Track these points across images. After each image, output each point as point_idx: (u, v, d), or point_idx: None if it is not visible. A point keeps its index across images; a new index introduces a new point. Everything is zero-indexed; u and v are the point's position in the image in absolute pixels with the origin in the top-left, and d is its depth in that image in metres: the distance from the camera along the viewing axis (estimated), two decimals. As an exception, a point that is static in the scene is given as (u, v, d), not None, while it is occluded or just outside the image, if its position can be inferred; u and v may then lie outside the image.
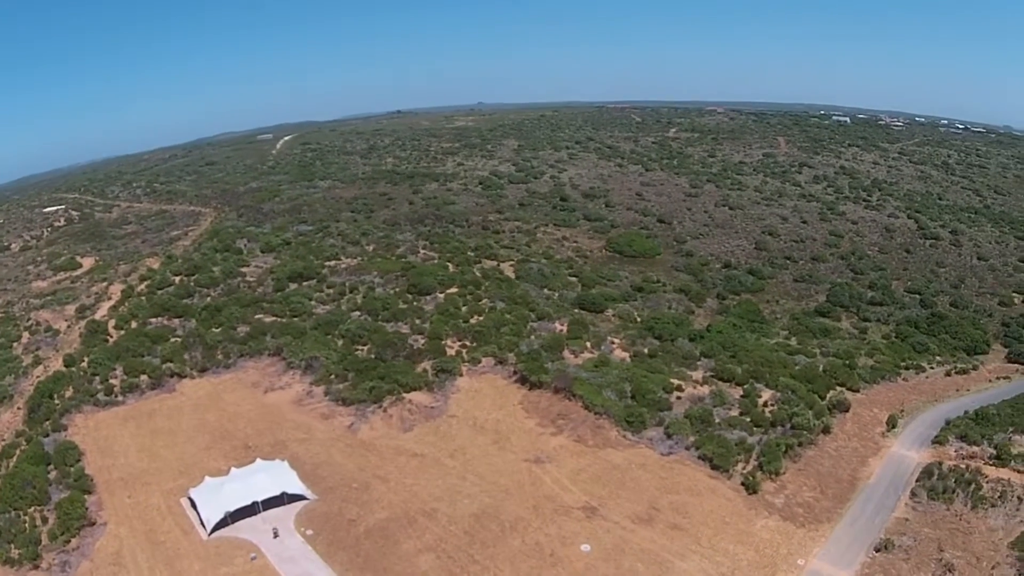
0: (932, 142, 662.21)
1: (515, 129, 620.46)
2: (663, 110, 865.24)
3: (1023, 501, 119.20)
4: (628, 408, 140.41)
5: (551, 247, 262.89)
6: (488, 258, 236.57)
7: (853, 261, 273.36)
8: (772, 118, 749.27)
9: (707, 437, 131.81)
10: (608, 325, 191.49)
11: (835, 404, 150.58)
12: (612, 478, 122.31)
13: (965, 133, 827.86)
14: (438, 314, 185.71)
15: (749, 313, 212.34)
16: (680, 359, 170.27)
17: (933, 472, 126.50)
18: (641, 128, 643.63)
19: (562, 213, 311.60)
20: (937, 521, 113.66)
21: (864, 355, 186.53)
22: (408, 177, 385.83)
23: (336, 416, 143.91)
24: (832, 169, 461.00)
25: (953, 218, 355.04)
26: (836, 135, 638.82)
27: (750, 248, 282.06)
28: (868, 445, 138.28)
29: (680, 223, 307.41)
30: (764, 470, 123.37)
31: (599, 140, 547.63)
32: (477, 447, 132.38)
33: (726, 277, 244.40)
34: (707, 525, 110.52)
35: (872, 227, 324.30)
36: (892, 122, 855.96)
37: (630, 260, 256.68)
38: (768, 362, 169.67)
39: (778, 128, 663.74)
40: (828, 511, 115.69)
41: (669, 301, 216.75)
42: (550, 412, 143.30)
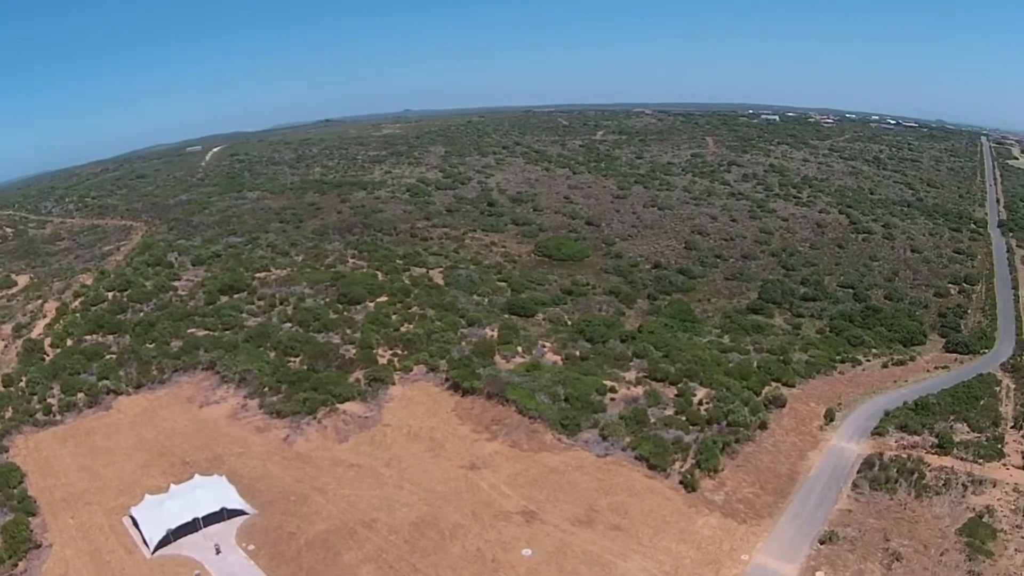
0: (863, 138, 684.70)
1: (442, 135, 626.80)
2: (590, 113, 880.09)
3: (968, 488, 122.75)
4: (562, 411, 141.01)
5: (480, 253, 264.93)
6: (417, 265, 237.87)
7: (784, 258, 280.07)
8: (700, 118, 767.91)
9: (643, 437, 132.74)
10: (539, 329, 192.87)
11: (771, 400, 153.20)
12: (549, 482, 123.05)
13: (897, 128, 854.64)
14: (368, 323, 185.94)
15: (681, 313, 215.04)
16: (612, 361, 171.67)
17: (874, 463, 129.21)
18: (568, 131, 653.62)
19: (490, 218, 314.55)
20: (881, 511, 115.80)
21: (798, 350, 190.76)
22: (336, 186, 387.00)
23: (271, 429, 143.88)
24: (761, 167, 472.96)
25: (886, 212, 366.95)
26: (765, 133, 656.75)
27: (680, 248, 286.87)
28: (806, 439, 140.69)
29: (608, 225, 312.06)
30: (702, 468, 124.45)
31: (526, 145, 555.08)
32: (413, 455, 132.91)
33: (656, 277, 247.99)
34: (647, 525, 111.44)
35: (803, 223, 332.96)
36: (822, 119, 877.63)
37: (559, 263, 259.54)
38: (701, 361, 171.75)
39: (706, 128, 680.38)
40: (769, 506, 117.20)
41: (599, 303, 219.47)
42: (484, 418, 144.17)
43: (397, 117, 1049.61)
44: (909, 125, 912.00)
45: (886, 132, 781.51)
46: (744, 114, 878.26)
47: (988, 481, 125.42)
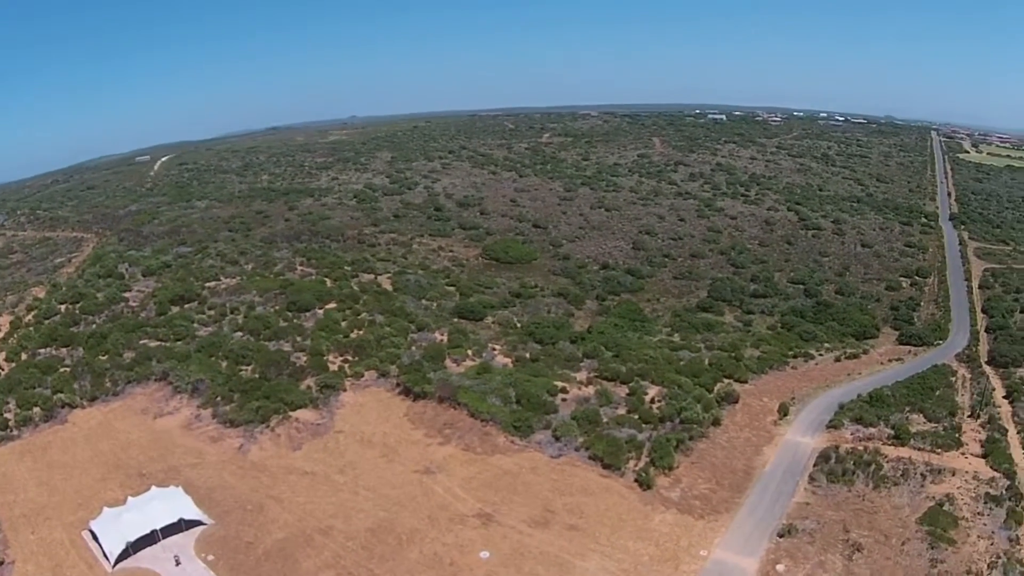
0: (811, 135, 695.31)
1: (388, 141, 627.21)
2: (536, 116, 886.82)
3: (927, 478, 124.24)
4: (514, 413, 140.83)
5: (427, 257, 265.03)
6: (365, 271, 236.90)
7: (733, 256, 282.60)
8: (647, 119, 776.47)
9: (596, 437, 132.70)
10: (488, 332, 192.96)
11: (723, 396, 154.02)
12: (504, 484, 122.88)
13: (845, 125, 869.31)
14: (318, 330, 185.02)
15: (630, 313, 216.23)
16: (563, 362, 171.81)
17: (830, 456, 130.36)
18: (514, 134, 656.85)
19: (437, 223, 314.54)
20: (840, 503, 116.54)
21: (750, 347, 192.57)
22: (284, 193, 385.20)
23: (225, 438, 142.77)
24: (709, 166, 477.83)
25: (835, 208, 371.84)
26: (712, 133, 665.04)
27: (628, 248, 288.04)
28: (761, 434, 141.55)
29: (556, 227, 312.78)
30: (657, 466, 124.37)
31: (472, 148, 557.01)
32: (366, 461, 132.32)
33: (604, 278, 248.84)
34: (604, 524, 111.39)
35: (751, 221, 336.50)
36: (769, 118, 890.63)
37: (507, 267, 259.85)
38: (652, 360, 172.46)
39: (653, 129, 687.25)
40: (726, 501, 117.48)
41: (548, 305, 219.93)
42: (436, 422, 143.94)
43: (344, 123, 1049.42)
44: (858, 121, 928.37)
45: (834, 129, 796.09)
46: (691, 114, 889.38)
47: (947, 470, 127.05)
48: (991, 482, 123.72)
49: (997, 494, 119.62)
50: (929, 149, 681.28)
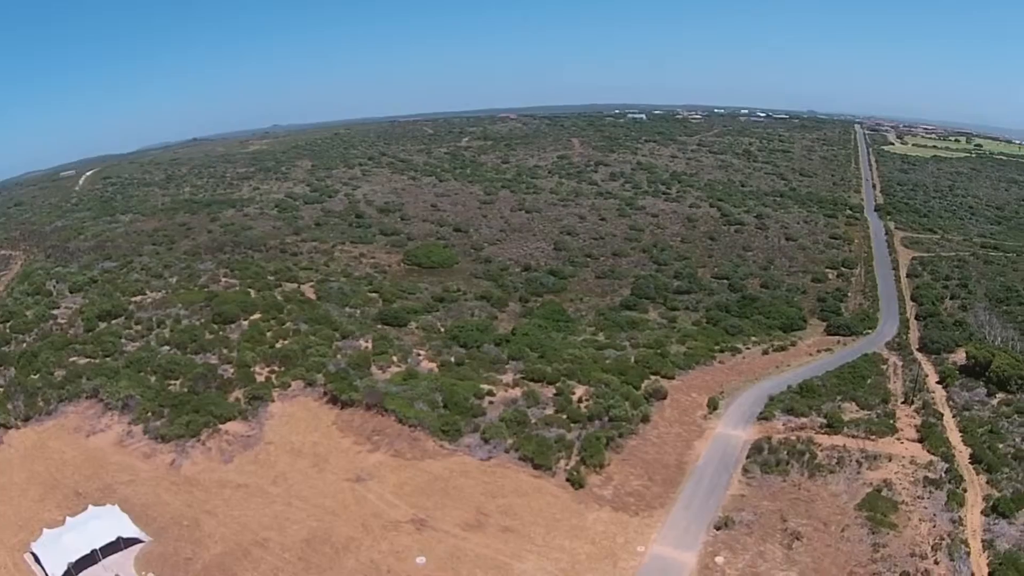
0: (732, 132, 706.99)
1: (309, 149, 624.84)
2: (456, 120, 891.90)
3: (863, 465, 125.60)
4: (442, 417, 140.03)
5: (349, 265, 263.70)
6: (288, 281, 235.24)
7: (656, 253, 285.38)
8: (566, 120, 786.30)
9: (525, 438, 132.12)
10: (413, 338, 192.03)
11: (651, 393, 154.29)
12: (436, 488, 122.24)
13: (767, 120, 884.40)
14: (244, 341, 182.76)
15: (554, 313, 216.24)
16: (488, 364, 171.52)
17: (763, 447, 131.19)
18: (434, 139, 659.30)
19: (358, 230, 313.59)
20: (775, 493, 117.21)
21: (675, 343, 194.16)
22: (206, 205, 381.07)
23: (158, 454, 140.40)
24: (629, 166, 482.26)
25: (758, 203, 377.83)
26: (632, 132, 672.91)
27: (549, 249, 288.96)
28: (691, 429, 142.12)
29: (477, 231, 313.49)
30: (587, 464, 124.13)
31: (392, 155, 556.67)
32: (298, 471, 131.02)
33: (527, 280, 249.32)
34: (538, 524, 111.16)
35: (673, 219, 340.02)
36: (690, 115, 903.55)
37: (429, 271, 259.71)
38: (578, 359, 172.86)
39: (572, 130, 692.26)
40: (660, 497, 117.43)
41: (471, 308, 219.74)
42: (365, 429, 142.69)
43: (265, 133, 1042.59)
44: (780, 117, 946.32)
45: (756, 125, 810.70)
46: (610, 114, 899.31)
47: (883, 456, 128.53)
48: (929, 466, 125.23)
49: (936, 477, 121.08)
50: (853, 142, 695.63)
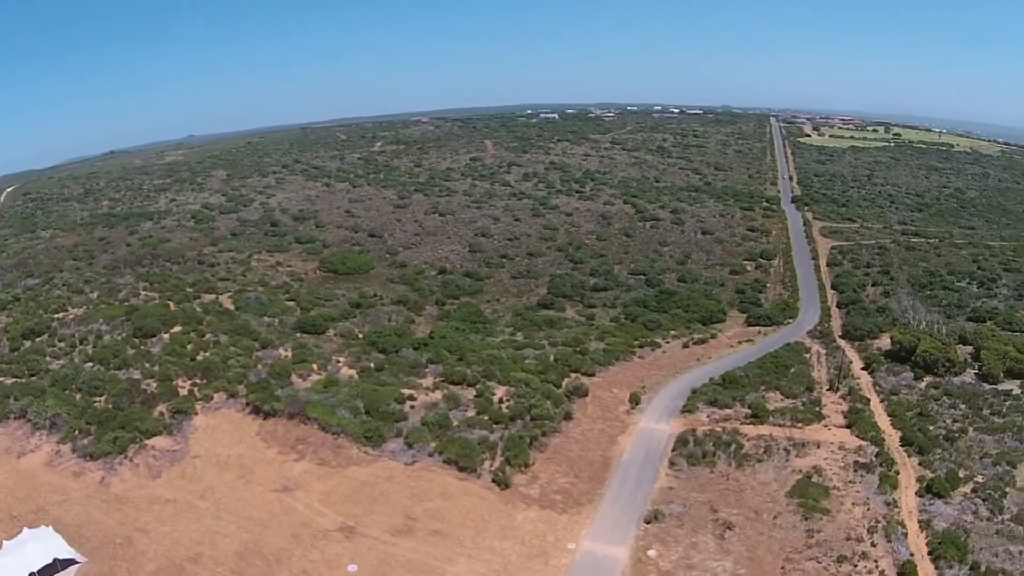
0: (646, 128, 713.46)
1: (223, 159, 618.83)
2: (368, 125, 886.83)
3: (791, 452, 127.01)
4: (364, 424, 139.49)
5: (266, 274, 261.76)
6: (207, 292, 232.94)
7: (571, 251, 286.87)
8: (478, 122, 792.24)
9: (448, 441, 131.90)
10: (331, 345, 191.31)
11: (572, 390, 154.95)
12: (362, 495, 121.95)
13: (681, 116, 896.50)
14: (166, 355, 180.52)
15: (471, 315, 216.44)
16: (407, 369, 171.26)
17: (688, 440, 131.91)
18: (347, 145, 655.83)
19: (274, 239, 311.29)
20: (704, 485, 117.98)
21: (594, 340, 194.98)
22: (124, 218, 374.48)
23: (87, 473, 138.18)
24: (542, 165, 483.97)
25: (673, 198, 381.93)
26: (545, 132, 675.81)
27: (464, 252, 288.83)
28: (614, 425, 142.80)
29: (391, 235, 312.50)
30: (512, 464, 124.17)
31: (305, 162, 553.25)
32: (225, 484, 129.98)
33: (443, 283, 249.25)
34: (467, 526, 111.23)
35: (588, 217, 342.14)
36: (603, 114, 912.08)
37: (345, 278, 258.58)
38: (497, 360, 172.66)
39: (485, 132, 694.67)
40: (587, 493, 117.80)
41: (388, 313, 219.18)
42: (288, 439, 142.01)
43: (180, 143, 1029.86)
44: (694, 112, 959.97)
45: (670, 121, 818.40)
46: (523, 114, 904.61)
47: (811, 443, 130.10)
48: (859, 450, 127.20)
49: (867, 462, 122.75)
50: (768, 135, 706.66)
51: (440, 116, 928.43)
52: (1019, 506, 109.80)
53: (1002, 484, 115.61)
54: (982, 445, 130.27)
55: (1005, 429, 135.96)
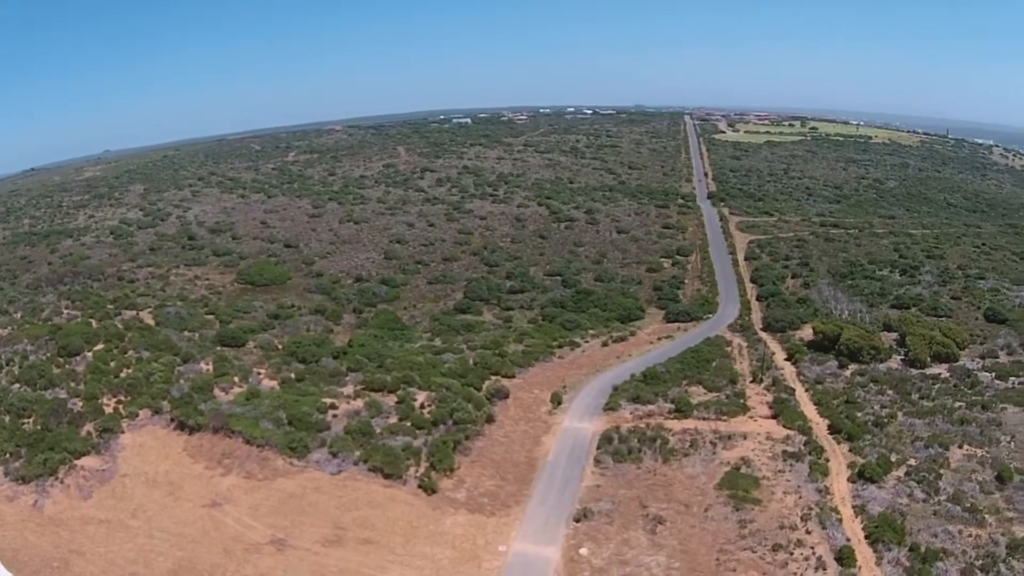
0: (559, 130, 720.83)
1: (140, 173, 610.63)
2: (282, 135, 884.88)
3: (718, 445, 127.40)
4: (288, 435, 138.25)
5: (185, 288, 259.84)
6: (127, 308, 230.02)
7: (486, 255, 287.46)
8: (391, 129, 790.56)
9: (372, 449, 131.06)
10: (252, 357, 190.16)
11: (493, 393, 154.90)
12: (291, 507, 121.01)
13: (594, 117, 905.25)
14: (90, 373, 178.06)
15: (388, 322, 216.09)
16: (328, 378, 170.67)
17: (612, 437, 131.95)
18: (261, 156, 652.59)
19: (191, 252, 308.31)
20: (631, 481, 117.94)
21: (513, 342, 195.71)
22: (44, 236, 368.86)
23: (20, 496, 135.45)
24: (455, 170, 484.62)
25: (587, 199, 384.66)
26: (458, 137, 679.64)
27: (380, 259, 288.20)
28: (537, 425, 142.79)
29: (307, 245, 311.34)
30: (437, 469, 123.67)
31: (221, 173, 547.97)
32: (155, 502, 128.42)
33: (359, 291, 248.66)
34: (397, 534, 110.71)
35: (502, 220, 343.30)
36: (515, 117, 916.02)
37: (263, 289, 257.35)
38: (417, 365, 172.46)
39: (397, 138, 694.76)
40: (514, 495, 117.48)
41: (307, 323, 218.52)
42: (214, 453, 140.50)
43: (99, 159, 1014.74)
44: (607, 113, 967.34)
45: (583, 122, 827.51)
46: (435, 120, 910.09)
47: (737, 435, 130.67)
48: (786, 440, 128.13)
49: (795, 450, 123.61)
50: (682, 133, 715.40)
51: (353, 124, 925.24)
52: (955, 487, 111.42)
53: (936, 466, 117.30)
54: (913, 429, 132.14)
55: (935, 412, 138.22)
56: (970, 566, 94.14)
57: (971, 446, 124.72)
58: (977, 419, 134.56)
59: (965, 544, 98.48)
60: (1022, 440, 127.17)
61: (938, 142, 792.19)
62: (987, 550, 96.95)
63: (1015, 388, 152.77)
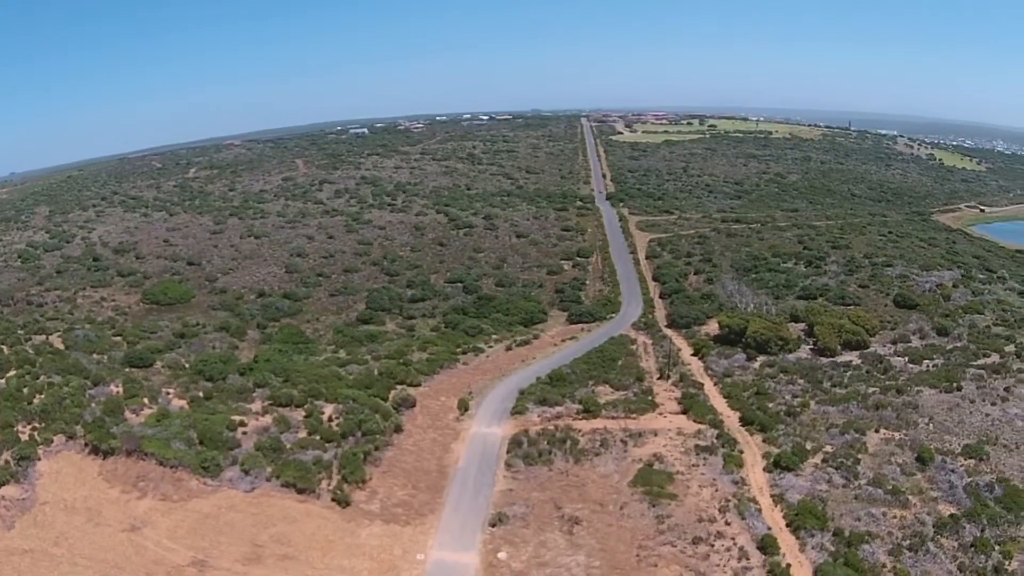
0: (455, 137, 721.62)
1: (45, 195, 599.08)
2: (183, 152, 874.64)
3: (628, 443, 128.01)
4: (200, 454, 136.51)
5: (92, 310, 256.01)
6: (37, 333, 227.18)
7: (386, 265, 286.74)
8: (290, 142, 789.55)
9: (284, 464, 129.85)
10: (160, 377, 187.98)
11: (400, 402, 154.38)
12: (208, 527, 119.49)
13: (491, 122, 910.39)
14: (4, 400, 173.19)
15: (292, 336, 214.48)
16: (235, 395, 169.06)
17: (522, 441, 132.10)
18: (162, 173, 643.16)
19: (97, 273, 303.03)
20: (544, 483, 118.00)
21: (417, 350, 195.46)
22: None
23: None
24: (353, 181, 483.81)
25: (485, 204, 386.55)
26: (355, 147, 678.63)
27: (281, 273, 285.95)
28: (446, 433, 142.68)
29: (209, 262, 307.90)
30: (349, 481, 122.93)
31: (124, 193, 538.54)
32: (75, 529, 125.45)
33: (263, 306, 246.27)
34: (314, 548, 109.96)
35: (401, 229, 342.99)
36: (412, 125, 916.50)
37: (168, 308, 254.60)
38: (323, 378, 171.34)
39: (295, 151, 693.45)
40: (428, 503, 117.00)
41: (212, 341, 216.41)
42: (130, 476, 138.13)
43: (5, 181, 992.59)
44: (503, 118, 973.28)
45: (479, 128, 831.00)
46: (332, 131, 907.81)
47: (648, 432, 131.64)
48: (698, 434, 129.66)
49: (708, 444, 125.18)
50: (580, 136, 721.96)
51: (252, 139, 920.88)
52: (875, 470, 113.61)
53: (853, 451, 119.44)
54: (827, 416, 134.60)
55: (849, 399, 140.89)
56: (898, 546, 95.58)
57: (888, 430, 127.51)
58: (892, 403, 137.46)
59: (890, 526, 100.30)
60: (941, 421, 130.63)
61: (840, 134, 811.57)
62: (914, 530, 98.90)
63: (929, 371, 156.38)
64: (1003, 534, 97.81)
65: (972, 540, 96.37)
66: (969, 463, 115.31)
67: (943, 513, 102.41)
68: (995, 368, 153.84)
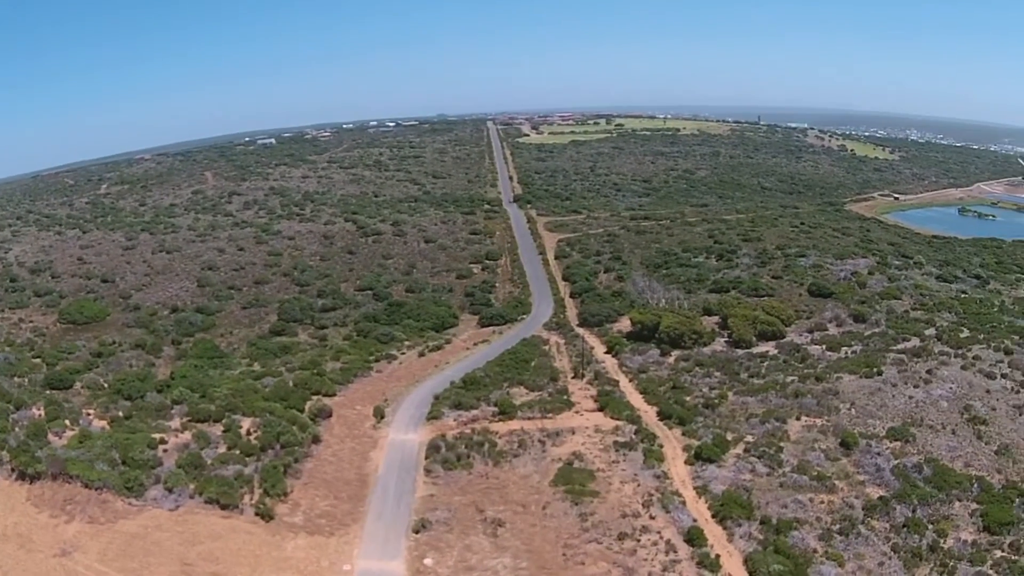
0: (362, 145, 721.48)
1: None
2: (94, 167, 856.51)
3: (546, 443, 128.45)
4: (123, 475, 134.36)
5: (11, 332, 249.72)
6: None
7: (296, 275, 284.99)
8: (199, 154, 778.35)
9: (206, 480, 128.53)
10: (80, 398, 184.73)
11: (316, 413, 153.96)
12: (136, 548, 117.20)
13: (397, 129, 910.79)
14: None
15: (207, 351, 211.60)
16: (154, 413, 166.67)
17: (439, 446, 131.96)
18: (75, 190, 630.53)
19: (14, 294, 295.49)
20: (464, 487, 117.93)
21: (330, 360, 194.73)
22: None
23: None
24: (262, 192, 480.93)
25: (393, 211, 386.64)
26: (263, 158, 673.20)
27: (193, 287, 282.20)
28: (364, 441, 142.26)
29: (123, 279, 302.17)
30: (271, 495, 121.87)
31: (37, 211, 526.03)
32: (8, 556, 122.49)
33: (176, 321, 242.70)
34: (242, 564, 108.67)
35: (310, 238, 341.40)
36: (319, 134, 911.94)
37: (84, 327, 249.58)
38: (239, 392, 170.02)
39: (205, 163, 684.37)
40: (350, 513, 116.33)
41: (129, 359, 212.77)
42: (57, 500, 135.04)
43: None
44: (410, 124, 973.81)
45: (386, 135, 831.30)
46: (240, 142, 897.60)
47: (565, 431, 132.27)
48: (616, 431, 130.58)
49: (626, 440, 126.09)
50: (486, 139, 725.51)
51: (162, 152, 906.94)
52: (799, 457, 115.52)
53: (775, 440, 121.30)
54: (746, 407, 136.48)
55: (767, 389, 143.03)
56: (828, 531, 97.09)
57: (809, 417, 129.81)
58: (812, 391, 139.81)
59: (819, 511, 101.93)
60: (863, 406, 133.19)
61: (750, 129, 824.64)
62: (843, 514, 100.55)
63: (848, 357, 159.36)
64: (936, 513, 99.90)
65: (904, 520, 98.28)
66: (895, 445, 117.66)
67: (872, 496, 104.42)
68: (916, 352, 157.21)
